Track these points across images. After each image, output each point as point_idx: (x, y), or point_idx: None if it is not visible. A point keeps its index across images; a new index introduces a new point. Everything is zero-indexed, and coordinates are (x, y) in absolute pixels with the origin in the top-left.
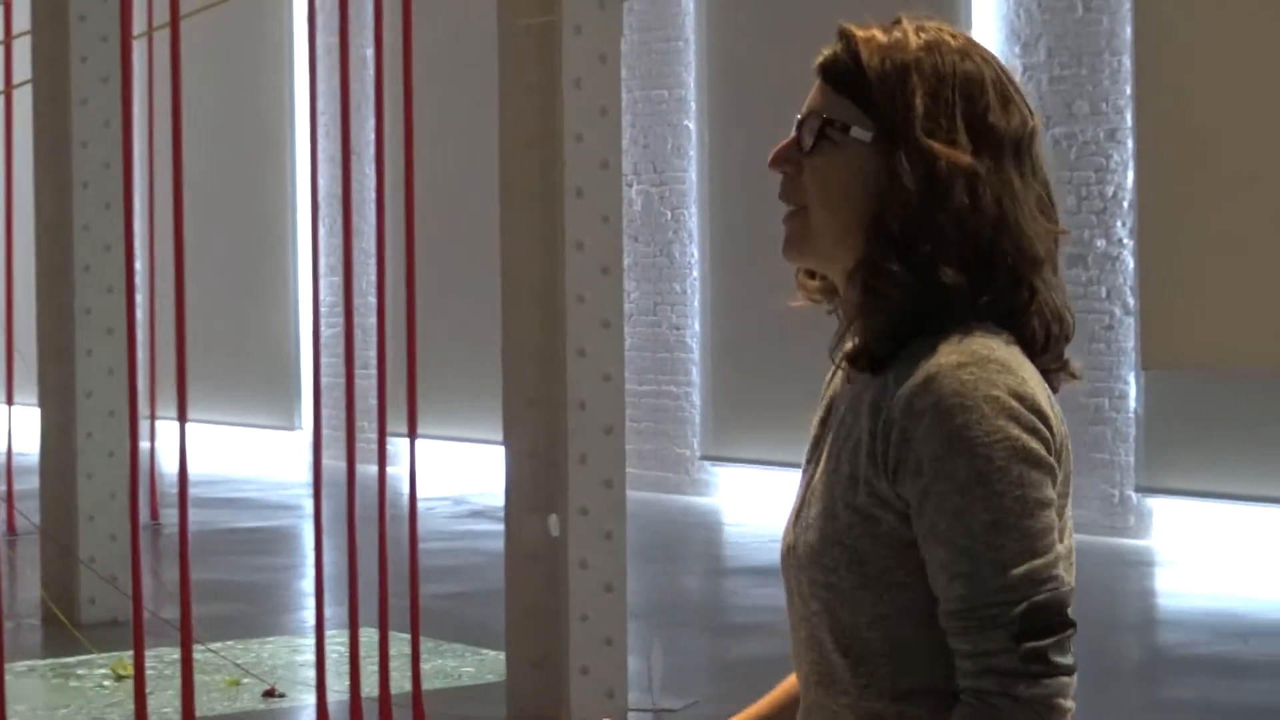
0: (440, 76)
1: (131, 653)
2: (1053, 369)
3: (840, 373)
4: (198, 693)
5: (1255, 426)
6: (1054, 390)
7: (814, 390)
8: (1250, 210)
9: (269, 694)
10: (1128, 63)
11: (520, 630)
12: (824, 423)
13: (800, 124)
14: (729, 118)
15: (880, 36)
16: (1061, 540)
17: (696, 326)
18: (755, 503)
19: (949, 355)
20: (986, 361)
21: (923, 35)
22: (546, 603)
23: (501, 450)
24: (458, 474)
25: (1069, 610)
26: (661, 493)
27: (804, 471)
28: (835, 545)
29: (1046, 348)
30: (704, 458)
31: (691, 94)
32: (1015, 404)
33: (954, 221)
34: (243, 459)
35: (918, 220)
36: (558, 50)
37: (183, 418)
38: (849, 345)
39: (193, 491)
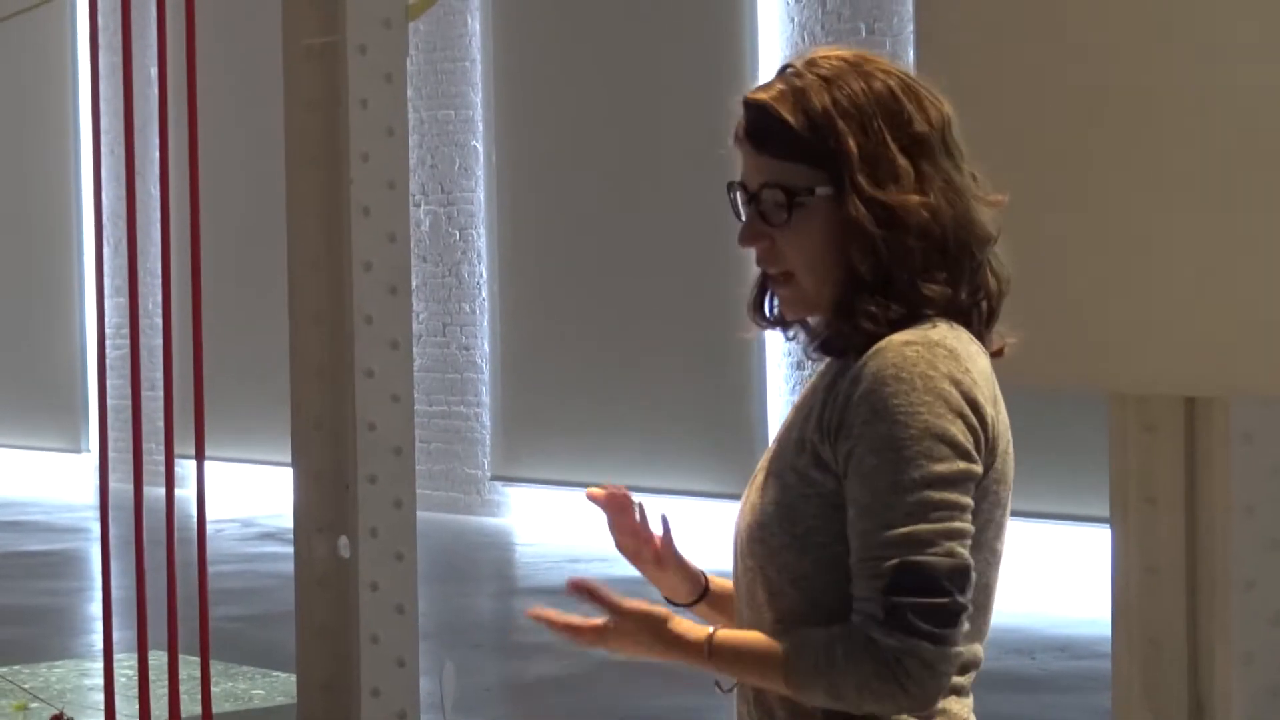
0: (225, 95)
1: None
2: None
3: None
4: None
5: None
6: (999, 352)
7: (602, 410)
8: None
9: (57, 718)
10: None
11: (310, 652)
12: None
13: (753, 199)
14: (516, 138)
15: (785, 89)
16: (999, 540)
17: (485, 347)
18: (546, 523)
19: (902, 334)
20: (934, 345)
21: (818, 72)
22: (337, 624)
23: (290, 472)
24: (246, 496)
25: (947, 583)
26: (452, 513)
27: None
28: (773, 504)
29: (995, 309)
30: (494, 478)
31: (479, 114)
32: (949, 387)
33: (921, 241)
34: (28, 482)
35: (889, 256)
36: (343, 70)
37: None
38: (821, 337)
39: None
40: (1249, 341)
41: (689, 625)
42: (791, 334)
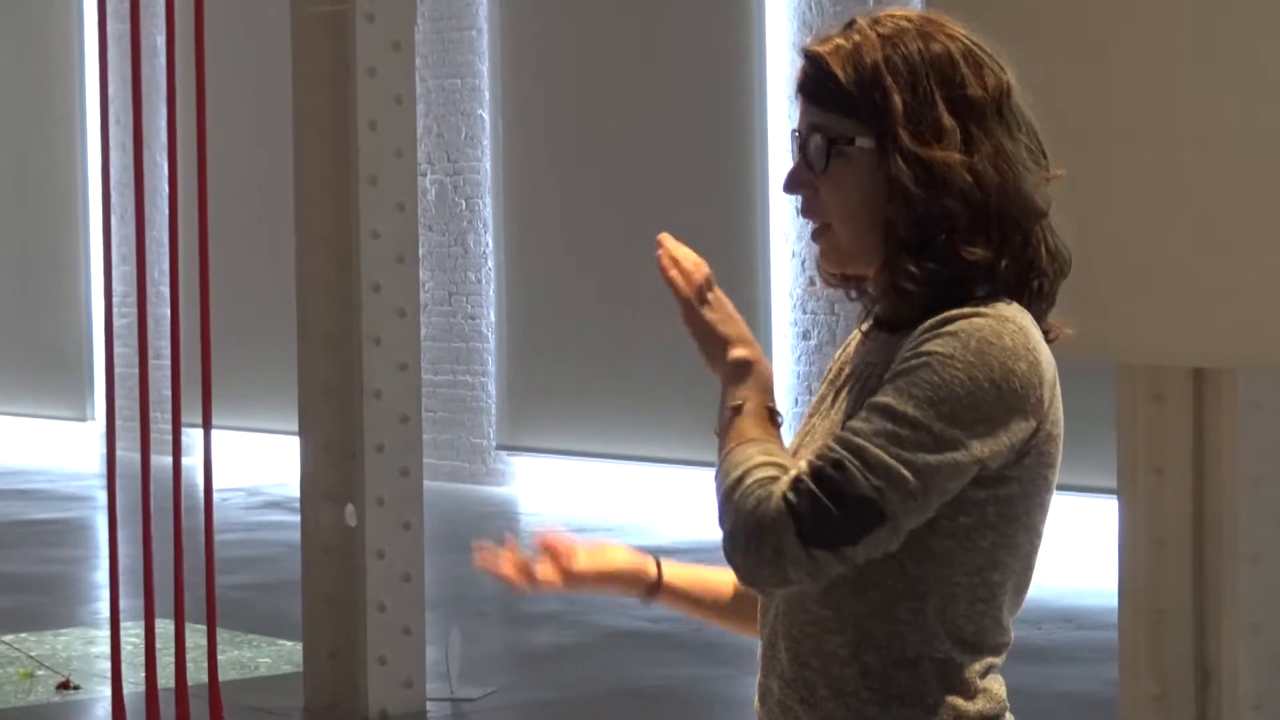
0: (233, 64)
1: None
2: (1047, 314)
3: (856, 340)
4: None
5: None
6: (1050, 336)
7: (608, 380)
8: None
9: (64, 686)
10: None
11: (317, 620)
12: (832, 383)
13: (802, 145)
14: (523, 107)
15: (843, 43)
16: (1042, 522)
17: (491, 316)
18: (551, 492)
19: (971, 306)
20: (1005, 320)
21: (879, 29)
22: (343, 593)
23: (297, 440)
24: (253, 465)
25: (854, 504)
26: (458, 482)
27: (804, 422)
28: None
29: (1049, 290)
30: (500, 447)
31: (485, 83)
32: (1002, 360)
33: (961, 203)
34: (34, 450)
35: (926, 215)
36: (351, 38)
37: None
38: (875, 310)
39: None
40: (1258, 313)
41: (746, 389)
42: (854, 295)
